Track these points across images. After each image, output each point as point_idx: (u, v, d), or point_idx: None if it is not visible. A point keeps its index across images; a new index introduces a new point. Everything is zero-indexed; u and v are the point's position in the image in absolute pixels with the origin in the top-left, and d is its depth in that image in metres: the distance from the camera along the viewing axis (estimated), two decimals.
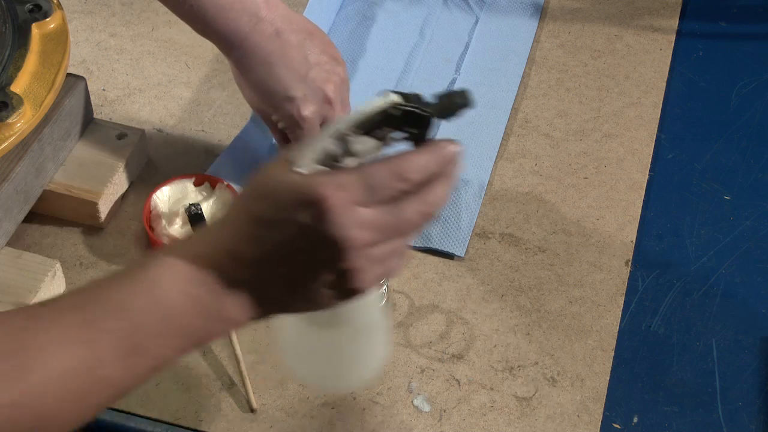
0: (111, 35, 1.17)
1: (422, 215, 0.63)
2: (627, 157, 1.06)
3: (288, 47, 0.94)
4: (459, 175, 0.66)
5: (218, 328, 0.64)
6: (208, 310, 0.62)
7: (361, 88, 1.12)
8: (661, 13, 1.22)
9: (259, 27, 0.93)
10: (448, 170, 0.64)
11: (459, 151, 0.64)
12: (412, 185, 0.62)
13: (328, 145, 0.61)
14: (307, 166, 0.61)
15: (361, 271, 0.62)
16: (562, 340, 0.91)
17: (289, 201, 0.60)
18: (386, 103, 0.63)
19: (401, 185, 0.62)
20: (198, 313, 0.62)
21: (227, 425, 0.85)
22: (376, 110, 0.62)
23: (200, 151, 1.06)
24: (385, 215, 0.62)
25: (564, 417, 0.86)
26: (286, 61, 0.94)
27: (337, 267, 0.62)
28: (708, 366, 0.90)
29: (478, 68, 1.15)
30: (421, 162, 0.62)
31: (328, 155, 0.61)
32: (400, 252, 0.65)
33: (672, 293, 0.95)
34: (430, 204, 0.63)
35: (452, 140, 0.64)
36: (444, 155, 0.64)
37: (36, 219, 0.98)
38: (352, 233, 0.60)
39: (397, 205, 0.62)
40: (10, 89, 0.87)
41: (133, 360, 0.61)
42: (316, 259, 0.62)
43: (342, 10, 1.21)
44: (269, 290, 0.63)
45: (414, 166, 0.62)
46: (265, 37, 0.93)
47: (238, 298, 0.63)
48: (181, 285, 0.61)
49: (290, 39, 0.95)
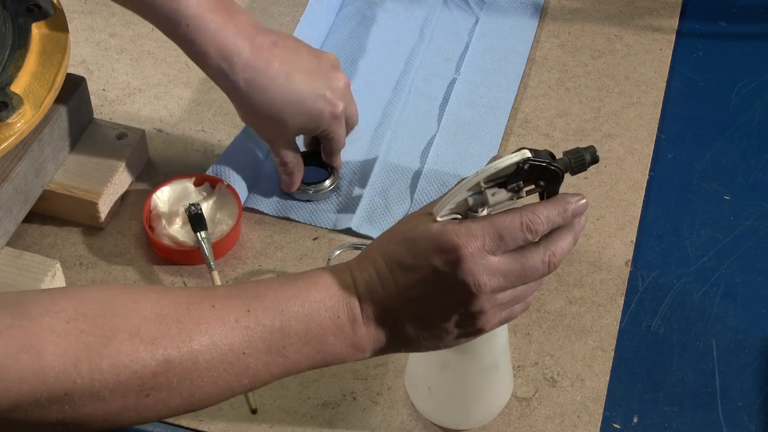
0: (111, 35, 1.17)
1: (547, 265, 0.69)
2: (627, 157, 1.06)
3: (292, 51, 0.94)
4: (584, 225, 0.72)
5: (348, 352, 0.71)
6: (344, 333, 0.70)
7: (361, 87, 1.12)
8: (661, 13, 1.22)
9: (257, 42, 0.92)
10: (573, 222, 0.71)
11: (585, 203, 0.71)
12: (539, 236, 0.69)
13: (466, 196, 0.69)
14: (445, 216, 0.69)
15: (487, 314, 0.70)
16: (562, 340, 0.91)
17: (428, 248, 0.68)
18: (519, 158, 0.68)
19: (528, 236, 0.68)
20: (335, 333, 0.69)
21: (227, 425, 0.85)
22: (510, 164, 0.68)
23: (200, 151, 1.06)
24: (512, 263, 0.68)
25: (564, 417, 0.86)
26: (299, 64, 0.93)
27: (467, 310, 0.69)
28: (708, 366, 0.90)
29: (478, 68, 1.15)
30: (548, 215, 0.69)
31: (465, 206, 0.69)
32: (523, 297, 0.72)
33: (672, 293, 0.95)
34: (555, 254, 0.70)
35: (579, 194, 0.71)
36: (570, 209, 0.71)
37: (36, 219, 0.98)
38: (482, 279, 0.68)
39: (523, 254, 0.69)
40: (10, 89, 0.87)
41: (274, 357, 0.68)
42: (447, 301, 0.69)
43: (342, 10, 1.21)
44: (401, 327, 0.71)
45: (542, 218, 0.68)
46: (266, 50, 0.92)
47: (371, 330, 0.71)
48: (328, 303, 0.69)
49: (288, 43, 0.94)
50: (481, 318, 0.70)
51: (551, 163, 0.70)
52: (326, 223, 1.00)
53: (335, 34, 1.19)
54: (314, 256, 0.97)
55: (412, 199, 1.02)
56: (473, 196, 0.69)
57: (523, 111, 1.11)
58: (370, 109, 1.10)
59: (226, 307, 0.67)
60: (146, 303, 0.66)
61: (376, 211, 1.00)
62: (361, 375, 0.88)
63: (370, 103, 1.11)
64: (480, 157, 1.06)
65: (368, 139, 1.07)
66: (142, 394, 0.64)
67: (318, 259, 0.96)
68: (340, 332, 0.70)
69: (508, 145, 1.07)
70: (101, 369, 0.63)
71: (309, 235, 0.99)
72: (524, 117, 1.10)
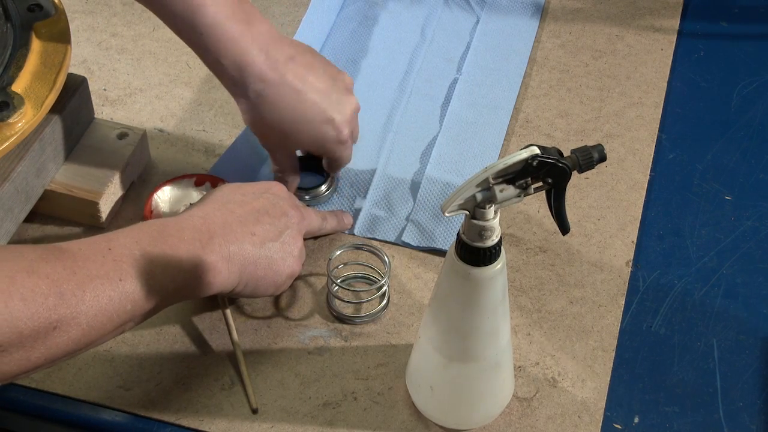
0: (112, 35, 1.17)
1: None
2: (628, 157, 1.06)
3: (308, 68, 0.93)
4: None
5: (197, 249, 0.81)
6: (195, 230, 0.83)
7: (363, 88, 1.12)
8: (662, 13, 1.22)
9: (272, 55, 0.91)
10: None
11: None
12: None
13: (474, 192, 0.70)
14: (453, 211, 0.70)
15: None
16: (562, 340, 0.91)
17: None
18: (528, 154, 0.69)
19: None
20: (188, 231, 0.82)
21: (227, 425, 0.85)
22: (519, 160, 0.69)
23: (201, 151, 1.06)
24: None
25: (565, 417, 0.86)
26: (312, 83, 0.93)
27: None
28: (709, 366, 0.90)
29: (479, 68, 1.15)
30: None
31: (473, 201, 0.70)
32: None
33: (673, 293, 0.95)
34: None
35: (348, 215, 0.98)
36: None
37: (37, 219, 0.98)
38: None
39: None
40: (11, 89, 0.87)
41: (146, 280, 0.76)
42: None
43: (343, 10, 1.21)
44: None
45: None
46: (282, 63, 0.91)
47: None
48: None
49: (305, 59, 0.93)
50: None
51: (560, 160, 0.70)
52: None
53: (336, 34, 1.19)
54: (314, 256, 0.97)
55: (414, 199, 1.02)
56: (482, 192, 0.70)
57: (524, 111, 1.11)
58: (372, 110, 1.10)
59: (96, 261, 0.74)
60: (24, 251, 0.71)
61: (379, 213, 1.00)
62: (362, 375, 0.88)
63: (372, 103, 1.11)
64: (482, 157, 1.06)
65: (370, 140, 1.07)
66: (51, 327, 0.69)
67: (318, 259, 0.96)
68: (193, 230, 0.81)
69: (509, 146, 1.07)
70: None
71: None
72: (525, 117, 1.10)
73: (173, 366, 0.89)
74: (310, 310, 0.93)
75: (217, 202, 0.87)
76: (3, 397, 0.87)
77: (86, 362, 0.88)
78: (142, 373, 0.88)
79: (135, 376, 0.88)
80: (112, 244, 0.76)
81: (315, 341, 0.91)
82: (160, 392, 0.87)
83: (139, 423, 0.85)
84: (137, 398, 0.86)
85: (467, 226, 0.72)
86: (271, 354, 0.89)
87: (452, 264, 0.74)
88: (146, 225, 0.80)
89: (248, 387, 0.87)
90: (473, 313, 0.76)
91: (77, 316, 0.70)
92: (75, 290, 0.71)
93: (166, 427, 0.85)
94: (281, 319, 0.92)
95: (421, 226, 0.99)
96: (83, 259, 0.73)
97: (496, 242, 0.72)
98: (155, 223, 0.81)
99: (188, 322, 0.91)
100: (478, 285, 0.74)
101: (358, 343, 0.91)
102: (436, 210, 1.00)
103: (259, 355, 0.89)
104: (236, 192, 0.88)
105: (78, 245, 0.75)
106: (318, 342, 0.91)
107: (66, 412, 0.86)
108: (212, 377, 0.88)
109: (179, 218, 0.83)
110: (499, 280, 0.75)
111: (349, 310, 0.93)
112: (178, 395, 0.87)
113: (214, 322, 0.92)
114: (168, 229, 0.80)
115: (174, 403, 0.86)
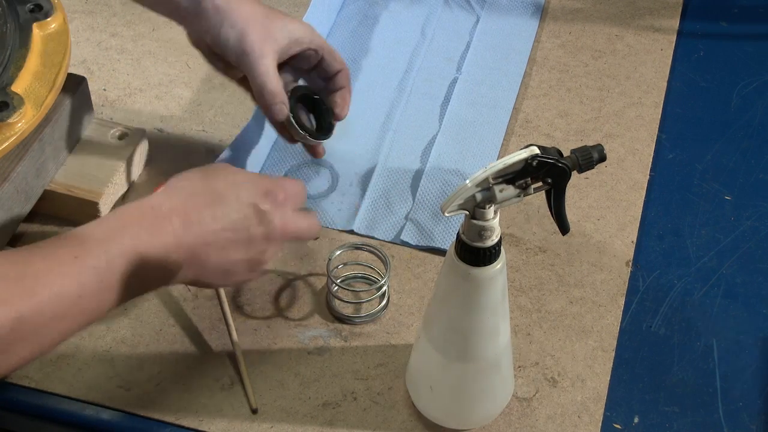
0: (112, 35, 1.17)
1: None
2: (628, 157, 1.06)
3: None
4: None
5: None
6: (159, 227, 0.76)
7: (363, 87, 1.12)
8: (662, 13, 1.22)
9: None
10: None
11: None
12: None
13: (474, 192, 0.70)
14: (452, 211, 0.70)
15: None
16: (562, 340, 0.91)
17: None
18: (528, 154, 0.69)
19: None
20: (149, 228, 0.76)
21: (227, 425, 0.85)
22: (518, 160, 0.69)
23: (201, 151, 1.06)
24: None
25: (564, 417, 0.86)
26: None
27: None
28: (709, 366, 0.90)
29: (479, 67, 1.15)
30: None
31: (473, 201, 0.70)
32: None
33: (673, 293, 0.95)
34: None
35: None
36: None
37: (37, 219, 0.98)
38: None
39: None
40: (11, 89, 0.87)
41: (105, 294, 0.73)
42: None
43: (343, 10, 1.21)
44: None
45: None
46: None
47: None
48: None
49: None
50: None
51: (559, 160, 0.70)
52: (327, 222, 1.00)
53: (337, 34, 1.19)
54: (315, 256, 0.97)
55: (414, 198, 1.02)
56: (481, 192, 0.70)
57: (524, 111, 1.11)
58: (372, 109, 1.10)
59: (55, 257, 0.72)
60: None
61: (378, 211, 1.00)
62: (361, 375, 0.88)
63: (372, 102, 1.11)
64: (482, 157, 1.06)
65: (370, 138, 1.07)
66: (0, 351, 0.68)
67: (318, 259, 0.96)
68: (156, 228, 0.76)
69: (509, 146, 1.07)
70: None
71: None
72: (525, 117, 1.10)
73: (173, 366, 0.89)
74: (310, 310, 0.93)
75: (192, 210, 0.78)
76: (3, 397, 0.87)
77: (86, 362, 0.88)
78: (142, 374, 0.88)
79: (135, 377, 0.88)
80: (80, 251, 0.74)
81: (315, 341, 0.91)
82: (159, 392, 0.87)
83: (138, 423, 0.85)
84: (137, 398, 0.86)
85: (467, 226, 0.72)
86: (270, 354, 0.90)
87: (452, 264, 0.74)
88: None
89: (248, 387, 0.87)
90: (473, 313, 0.76)
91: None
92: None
93: (166, 427, 0.85)
94: (281, 320, 0.92)
95: (420, 225, 0.99)
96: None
97: (495, 242, 0.72)
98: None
99: (188, 322, 0.92)
100: (478, 285, 0.74)
101: (357, 343, 0.91)
102: (436, 209, 1.00)
103: (259, 355, 0.89)
104: (220, 202, 0.79)
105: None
106: (318, 342, 0.91)
107: (66, 412, 0.86)
108: (212, 377, 0.88)
109: (152, 231, 0.77)
110: (499, 280, 0.75)
111: (349, 310, 0.93)
112: (178, 395, 0.87)
113: (214, 322, 0.92)
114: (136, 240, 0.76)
115: (174, 403, 0.86)
